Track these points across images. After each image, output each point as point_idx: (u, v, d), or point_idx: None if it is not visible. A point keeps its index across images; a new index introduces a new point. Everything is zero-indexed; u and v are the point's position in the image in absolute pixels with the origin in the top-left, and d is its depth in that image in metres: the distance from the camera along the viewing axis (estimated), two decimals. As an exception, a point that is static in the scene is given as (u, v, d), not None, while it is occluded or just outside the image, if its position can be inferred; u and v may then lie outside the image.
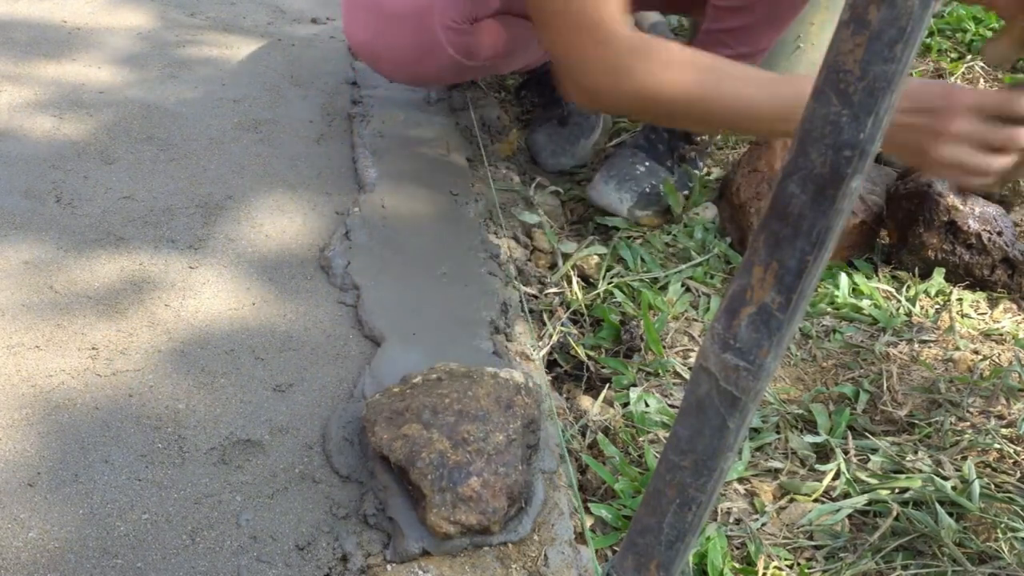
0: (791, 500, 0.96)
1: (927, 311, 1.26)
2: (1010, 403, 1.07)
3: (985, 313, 1.26)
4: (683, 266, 1.33)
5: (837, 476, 0.98)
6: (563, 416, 1.05)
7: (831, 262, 1.32)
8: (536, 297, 1.24)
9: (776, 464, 1.01)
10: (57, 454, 0.89)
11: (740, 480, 0.99)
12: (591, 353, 1.16)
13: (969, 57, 2.11)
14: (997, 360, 1.15)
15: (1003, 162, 0.95)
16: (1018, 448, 1.00)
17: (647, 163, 1.48)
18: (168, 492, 0.86)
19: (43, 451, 0.89)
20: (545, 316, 1.21)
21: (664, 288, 1.29)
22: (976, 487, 0.93)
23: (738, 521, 0.94)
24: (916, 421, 1.05)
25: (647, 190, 1.45)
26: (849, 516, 0.94)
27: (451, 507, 0.80)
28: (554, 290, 1.26)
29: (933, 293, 1.28)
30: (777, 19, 1.35)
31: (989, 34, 2.16)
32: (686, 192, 1.50)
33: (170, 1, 2.11)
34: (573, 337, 1.18)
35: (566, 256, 1.34)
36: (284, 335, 1.07)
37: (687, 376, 1.13)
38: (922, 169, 1.09)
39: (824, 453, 1.02)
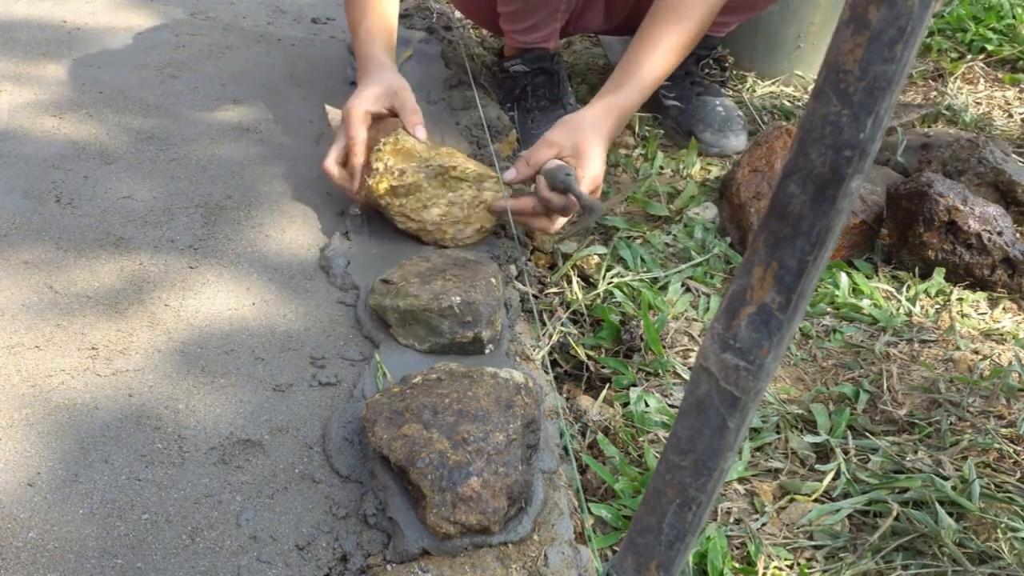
0: (791, 500, 0.96)
1: (927, 311, 1.26)
2: (1010, 403, 1.07)
3: (985, 313, 1.26)
4: (683, 266, 1.33)
5: (837, 476, 0.98)
6: (563, 416, 1.05)
7: (831, 262, 1.32)
8: (536, 297, 1.24)
9: (776, 464, 1.01)
10: (57, 454, 0.89)
11: (740, 480, 0.99)
12: (591, 353, 1.16)
13: (969, 57, 2.11)
14: (997, 360, 1.15)
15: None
16: (1018, 448, 1.00)
17: (718, 100, 1.71)
18: (168, 492, 0.86)
19: (43, 451, 0.89)
20: (545, 316, 1.21)
21: (664, 288, 1.28)
22: (976, 487, 0.92)
23: (738, 521, 0.94)
24: (916, 421, 1.05)
25: (741, 124, 1.70)
26: (849, 516, 0.94)
27: (451, 507, 0.79)
28: (554, 290, 1.26)
29: (933, 293, 1.28)
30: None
31: (989, 34, 2.16)
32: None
33: (170, 1, 2.11)
34: (573, 337, 1.18)
35: (566, 256, 1.34)
36: (284, 335, 1.07)
37: (687, 376, 1.13)
38: None
39: (824, 453, 1.02)
